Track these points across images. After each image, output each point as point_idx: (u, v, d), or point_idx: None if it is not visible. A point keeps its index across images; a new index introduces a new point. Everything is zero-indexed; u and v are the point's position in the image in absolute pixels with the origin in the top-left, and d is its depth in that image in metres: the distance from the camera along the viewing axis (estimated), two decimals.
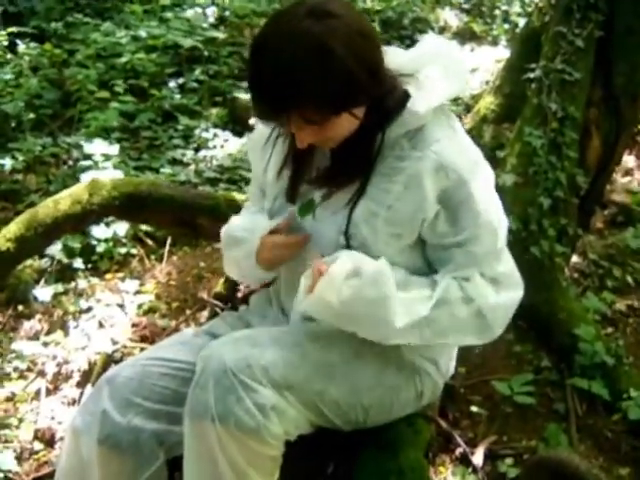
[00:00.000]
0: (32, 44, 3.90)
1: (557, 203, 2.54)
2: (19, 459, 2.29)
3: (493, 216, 1.65)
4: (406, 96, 1.57)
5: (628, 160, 3.93)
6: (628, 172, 3.85)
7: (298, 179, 1.71)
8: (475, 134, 2.87)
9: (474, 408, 2.30)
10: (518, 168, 2.58)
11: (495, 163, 2.70)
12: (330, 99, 1.46)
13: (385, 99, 1.57)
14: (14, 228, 2.04)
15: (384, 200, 1.62)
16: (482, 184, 1.63)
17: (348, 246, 1.63)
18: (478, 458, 2.18)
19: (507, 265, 1.72)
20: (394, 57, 1.63)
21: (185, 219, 2.26)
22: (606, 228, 3.46)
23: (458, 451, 2.21)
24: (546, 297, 2.48)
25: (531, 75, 2.66)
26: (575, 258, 3.08)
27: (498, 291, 1.66)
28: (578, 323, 2.40)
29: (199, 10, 4.26)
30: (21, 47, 3.88)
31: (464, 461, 2.19)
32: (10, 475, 2.23)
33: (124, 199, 2.14)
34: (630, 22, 2.59)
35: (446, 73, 1.62)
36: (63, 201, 2.09)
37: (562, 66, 2.59)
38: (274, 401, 1.56)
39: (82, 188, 2.12)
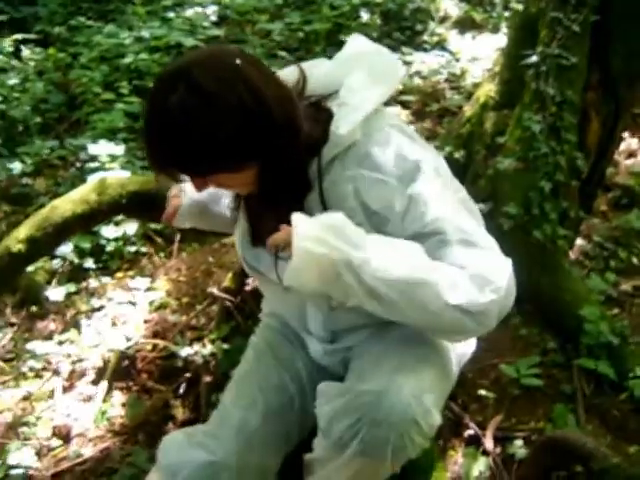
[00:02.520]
0: (37, 49, 3.95)
1: (558, 187, 2.56)
2: (38, 455, 2.34)
3: (442, 212, 1.53)
4: (330, 117, 1.55)
5: (631, 142, 3.95)
6: (631, 154, 3.87)
7: (253, 223, 1.73)
8: (475, 122, 2.90)
9: (482, 392, 2.34)
10: (518, 153, 2.59)
11: (496, 149, 2.75)
12: (190, 166, 1.47)
13: (294, 141, 1.51)
14: (24, 229, 2.08)
15: None
16: (423, 183, 1.54)
17: None
18: (488, 440, 2.23)
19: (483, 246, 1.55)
20: (316, 76, 1.61)
21: None
22: (610, 211, 3.49)
23: (467, 434, 2.26)
24: (550, 280, 2.50)
25: (528, 61, 2.67)
26: (580, 241, 3.11)
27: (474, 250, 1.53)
28: (582, 304, 2.42)
29: (200, 9, 4.29)
30: (26, 52, 3.92)
31: (474, 444, 2.24)
32: (31, 471, 2.28)
33: (131, 197, 2.18)
34: (625, 6, 2.60)
35: (372, 75, 1.59)
36: (72, 201, 2.12)
37: (559, 51, 2.60)
38: None
39: (90, 188, 2.16)
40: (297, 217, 1.45)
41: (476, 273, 1.47)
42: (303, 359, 1.89)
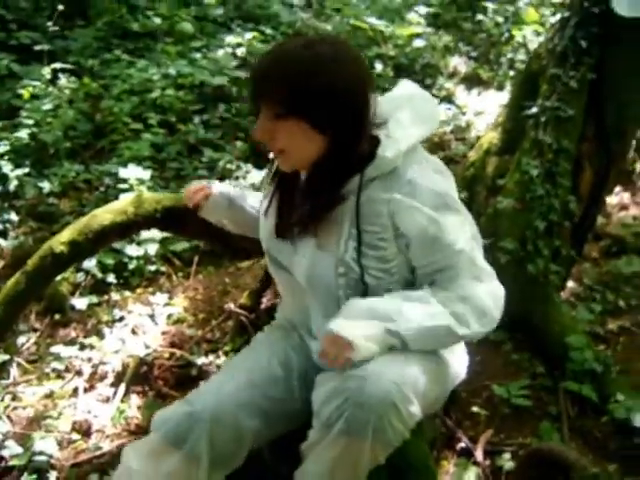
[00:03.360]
0: (72, 78, 4.20)
1: (551, 226, 2.79)
2: (59, 446, 2.51)
3: (464, 245, 1.83)
4: (377, 142, 1.79)
5: (624, 197, 4.20)
6: (623, 207, 4.11)
7: (283, 215, 1.94)
8: (478, 165, 3.14)
9: (475, 409, 2.53)
10: (517, 194, 2.84)
11: (496, 191, 2.98)
12: (289, 95, 1.71)
13: (358, 143, 1.77)
14: (67, 233, 2.28)
15: (369, 241, 1.82)
16: (451, 217, 1.82)
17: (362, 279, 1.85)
18: (479, 453, 2.41)
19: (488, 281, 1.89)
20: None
21: (213, 232, 2.49)
22: (601, 258, 3.71)
23: (459, 446, 2.44)
24: (541, 310, 2.73)
25: (529, 112, 2.93)
26: (571, 284, 3.33)
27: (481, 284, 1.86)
28: (570, 333, 2.63)
29: (229, 50, 4.57)
30: (62, 81, 4.18)
31: (465, 456, 2.42)
32: (52, 460, 2.45)
33: (164, 212, 2.38)
34: (619, 66, 2.86)
35: (417, 116, 1.85)
36: (111, 212, 2.33)
37: (557, 104, 2.86)
38: None
39: (128, 201, 2.37)
40: (337, 327, 1.75)
41: (477, 306, 1.83)
42: (299, 356, 2.07)
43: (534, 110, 2.92)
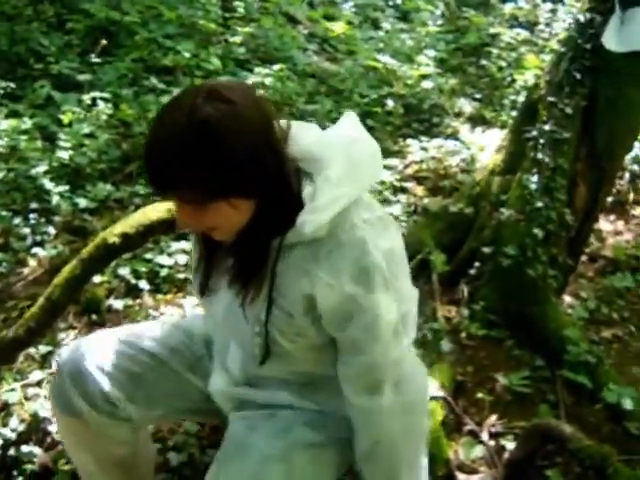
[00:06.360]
0: (109, 105, 4.53)
1: (549, 235, 3.08)
2: None
3: (384, 325, 1.62)
4: (300, 206, 1.53)
5: (618, 224, 4.50)
6: (617, 233, 4.41)
7: (208, 276, 1.75)
8: (483, 184, 3.44)
9: (480, 395, 2.79)
10: (518, 207, 3.14)
11: (499, 205, 3.28)
12: (204, 183, 1.43)
13: (279, 204, 1.53)
14: (119, 227, 2.57)
15: (283, 304, 1.63)
16: (372, 296, 1.58)
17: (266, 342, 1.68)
18: (484, 434, 2.66)
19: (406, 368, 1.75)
20: (302, 143, 1.58)
21: None
22: (597, 276, 3.98)
23: (466, 429, 2.69)
24: (540, 310, 2.99)
25: (529, 135, 3.25)
26: (569, 299, 3.61)
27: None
28: (566, 328, 2.90)
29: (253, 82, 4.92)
30: (100, 107, 4.51)
31: (472, 438, 2.67)
32: None
33: None
34: (609, 95, 3.18)
35: (351, 170, 1.56)
36: (158, 210, 2.63)
37: (554, 128, 3.17)
38: None
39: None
40: None
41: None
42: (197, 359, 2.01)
43: (534, 133, 3.24)
